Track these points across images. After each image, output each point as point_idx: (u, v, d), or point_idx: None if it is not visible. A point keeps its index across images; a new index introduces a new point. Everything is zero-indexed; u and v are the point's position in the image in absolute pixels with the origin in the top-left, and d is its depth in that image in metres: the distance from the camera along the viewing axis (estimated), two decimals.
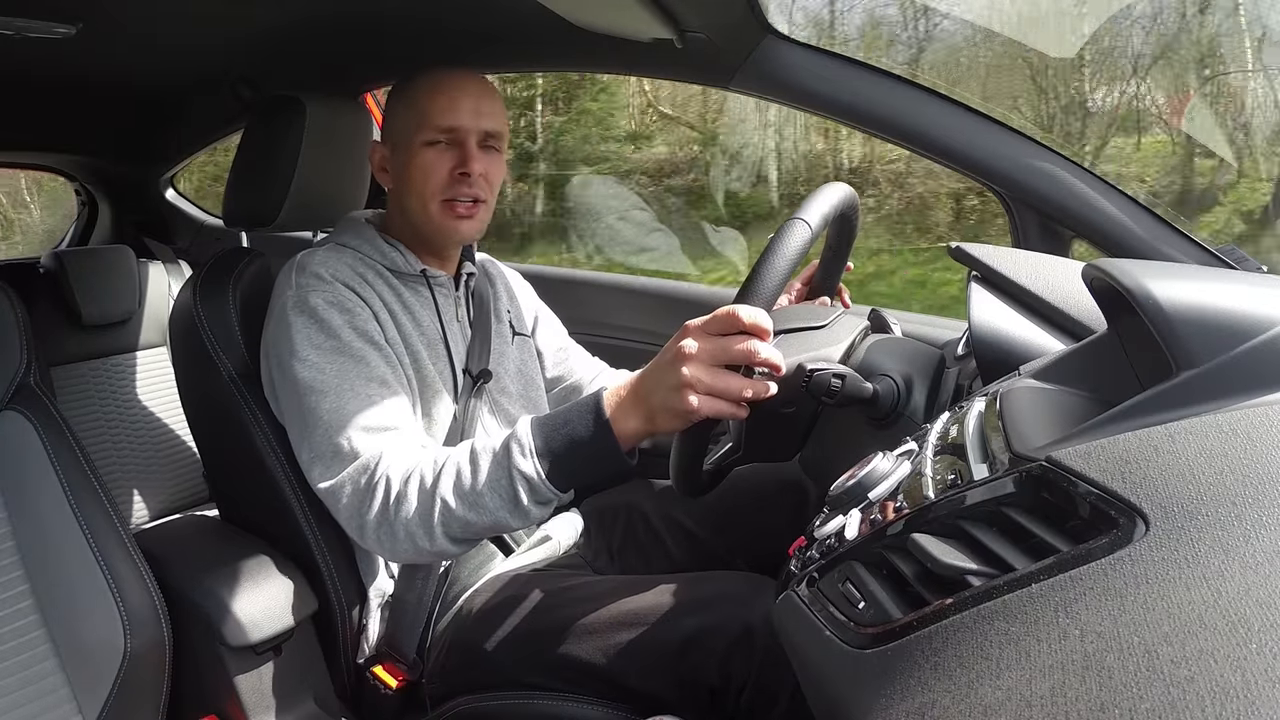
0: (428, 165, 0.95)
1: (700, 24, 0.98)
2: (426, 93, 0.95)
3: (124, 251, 1.67)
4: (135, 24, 1.10)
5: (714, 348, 0.68)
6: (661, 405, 0.71)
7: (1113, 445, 0.39)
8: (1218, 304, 0.43)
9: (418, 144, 0.95)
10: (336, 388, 0.86)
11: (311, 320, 0.89)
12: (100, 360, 1.62)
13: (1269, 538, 0.32)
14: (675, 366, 0.69)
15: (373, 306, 0.93)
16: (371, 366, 0.88)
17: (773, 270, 0.69)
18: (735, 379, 0.69)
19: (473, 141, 0.96)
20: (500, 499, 0.77)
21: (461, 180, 0.95)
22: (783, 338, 0.83)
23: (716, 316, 0.69)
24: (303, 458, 0.88)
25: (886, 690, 0.38)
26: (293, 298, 0.91)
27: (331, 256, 0.95)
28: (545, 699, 0.85)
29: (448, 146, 0.95)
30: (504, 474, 0.76)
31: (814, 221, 0.71)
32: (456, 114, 0.94)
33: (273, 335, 0.92)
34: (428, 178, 0.95)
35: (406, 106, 0.97)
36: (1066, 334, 0.71)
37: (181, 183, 2.10)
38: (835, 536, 0.53)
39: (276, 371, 0.91)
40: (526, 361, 1.12)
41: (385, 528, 0.81)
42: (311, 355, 0.87)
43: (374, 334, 0.91)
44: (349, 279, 0.93)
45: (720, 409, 0.69)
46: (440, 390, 0.96)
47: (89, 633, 0.86)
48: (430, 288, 1.01)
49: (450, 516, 0.78)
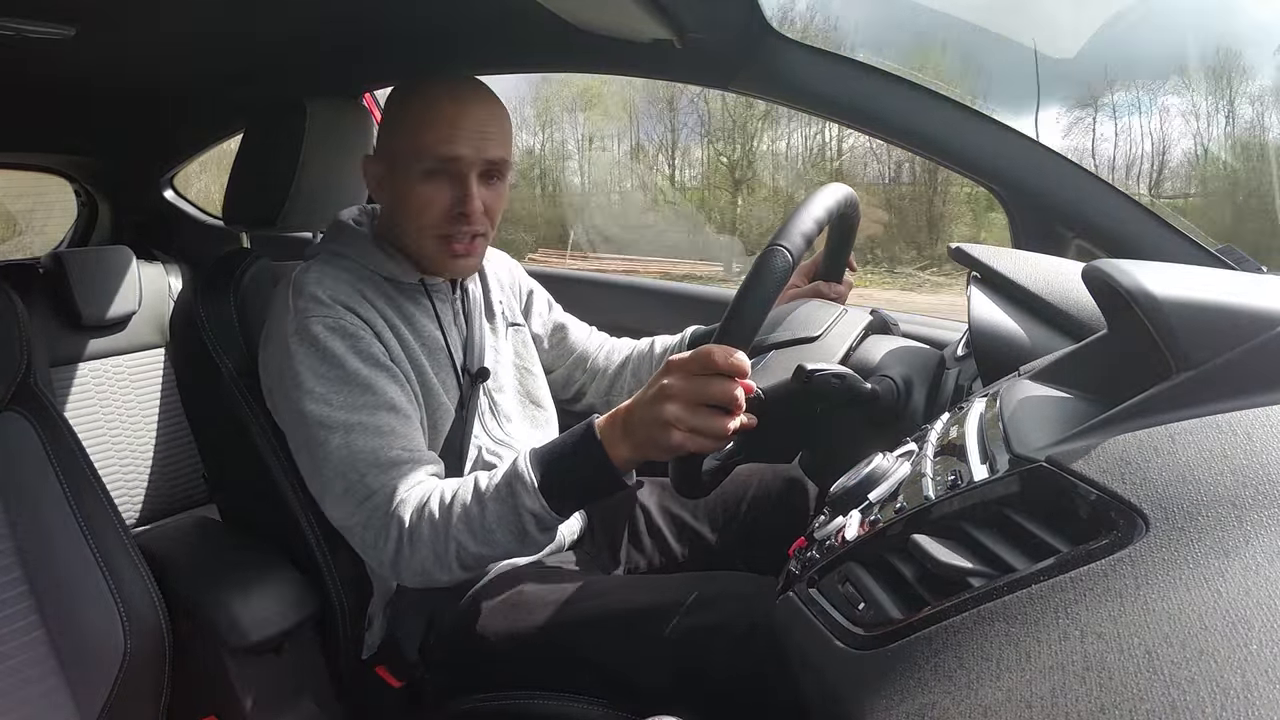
0: (425, 199, 0.89)
1: (700, 24, 0.98)
2: (425, 116, 0.88)
3: (124, 252, 1.67)
4: (134, 25, 1.10)
5: (693, 388, 0.69)
6: (648, 439, 0.72)
7: (1113, 446, 0.39)
8: (1217, 304, 0.43)
9: (415, 172, 0.88)
10: (344, 423, 0.84)
11: (313, 349, 0.86)
12: (100, 360, 1.62)
13: (1269, 539, 0.32)
14: (658, 404, 0.70)
15: (375, 327, 0.90)
16: (379, 394, 0.86)
17: (751, 305, 0.68)
18: (715, 418, 0.69)
19: (474, 175, 0.89)
20: (510, 534, 0.78)
21: (460, 219, 0.90)
22: (774, 354, 0.84)
23: (696, 357, 0.69)
24: (313, 488, 0.88)
25: (887, 691, 0.38)
26: (293, 325, 0.87)
27: (328, 274, 0.91)
28: (546, 699, 0.85)
29: (447, 178, 0.89)
30: (510, 511, 0.78)
31: (794, 246, 0.69)
32: (456, 143, 0.87)
33: (274, 363, 0.90)
34: (423, 212, 0.90)
35: (403, 127, 0.90)
36: (1066, 334, 0.71)
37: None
38: (835, 537, 0.53)
39: (281, 401, 0.90)
40: (521, 353, 1.12)
41: (402, 563, 0.81)
42: (317, 387, 0.85)
43: (379, 356, 0.88)
44: (348, 299, 0.89)
45: (704, 445, 0.71)
46: (441, 393, 0.96)
47: (89, 633, 0.86)
48: (429, 296, 0.98)
49: (465, 552, 0.80)
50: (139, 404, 1.66)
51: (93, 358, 1.61)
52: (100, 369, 1.62)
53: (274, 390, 0.91)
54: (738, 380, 0.69)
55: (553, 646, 0.85)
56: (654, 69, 1.15)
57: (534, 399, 1.10)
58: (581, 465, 0.76)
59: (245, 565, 0.97)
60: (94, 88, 1.44)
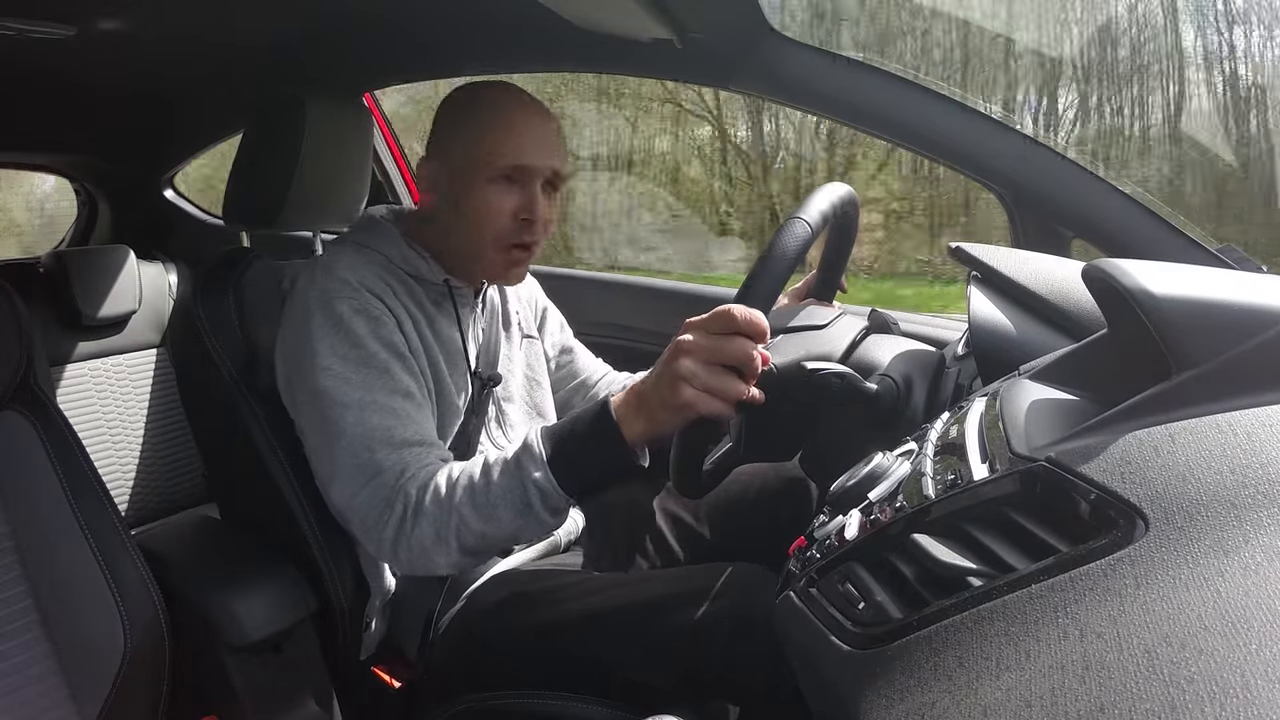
0: (491, 204, 0.90)
1: (700, 24, 0.98)
2: (494, 124, 0.90)
3: (123, 251, 1.67)
4: (134, 24, 1.10)
5: (711, 345, 0.68)
6: (659, 401, 0.71)
7: (1113, 445, 0.39)
8: (1217, 303, 0.43)
9: (481, 179, 0.89)
10: (360, 401, 0.84)
11: (336, 328, 0.86)
12: (100, 360, 1.62)
13: (1269, 538, 0.32)
14: (673, 361, 0.70)
15: (398, 316, 0.91)
16: (396, 379, 0.86)
17: (772, 270, 0.69)
18: (729, 378, 0.68)
19: (539, 184, 0.91)
20: (514, 510, 0.77)
21: (524, 226, 0.91)
22: (783, 337, 0.84)
23: (715, 314, 0.69)
24: (323, 470, 0.87)
25: (886, 690, 0.38)
26: (317, 301, 0.88)
27: (359, 260, 0.92)
28: (546, 698, 0.85)
29: (512, 185, 0.90)
30: (516, 484, 0.77)
31: (814, 220, 0.71)
32: (525, 153, 0.89)
33: (293, 339, 0.90)
34: (490, 219, 0.90)
35: (469, 132, 0.91)
36: (1066, 334, 0.71)
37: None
38: (835, 537, 0.53)
39: (296, 378, 0.90)
40: (533, 364, 1.12)
41: (402, 541, 0.81)
42: (335, 365, 0.85)
43: (399, 344, 0.89)
44: (375, 285, 0.90)
45: (713, 406, 0.69)
46: (452, 394, 0.96)
47: (89, 633, 0.86)
48: (453, 298, 0.98)
49: (466, 530, 0.78)
50: (139, 403, 1.66)
51: (92, 357, 1.61)
52: (100, 368, 1.62)
53: (290, 373, 0.91)
54: (754, 344, 0.68)
55: (551, 646, 0.85)
56: (654, 68, 1.15)
57: (540, 410, 1.10)
58: (592, 439, 0.75)
59: (245, 564, 0.97)
60: (94, 88, 1.44)
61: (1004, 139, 1.00)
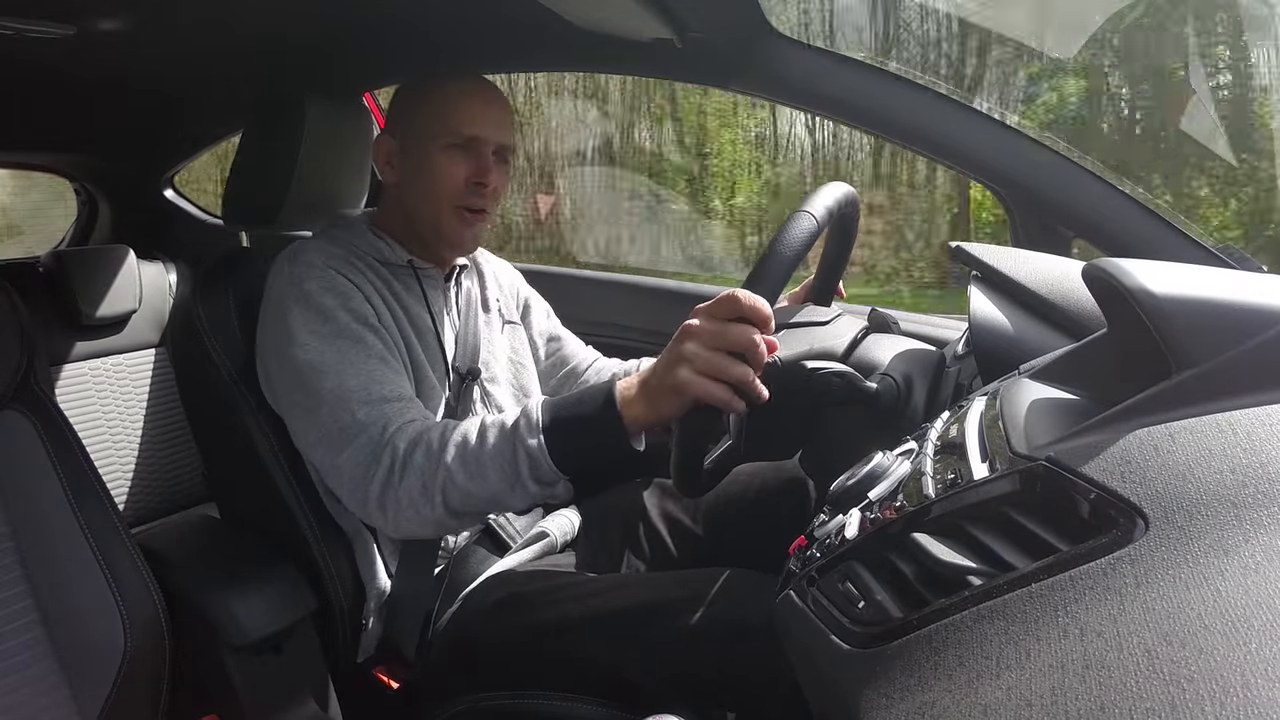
0: (444, 169, 0.96)
1: (700, 24, 0.98)
2: (450, 97, 0.96)
3: (123, 251, 1.67)
4: (134, 24, 1.10)
5: (715, 328, 0.69)
6: (660, 384, 0.72)
7: (1113, 445, 0.39)
8: (1217, 303, 0.43)
9: (436, 147, 0.96)
10: (337, 366, 0.86)
11: (308, 307, 0.89)
12: (100, 360, 1.62)
13: (1269, 538, 0.32)
14: (678, 343, 0.71)
15: (365, 292, 0.94)
16: (369, 347, 0.89)
17: (778, 261, 0.70)
18: (731, 362, 0.68)
19: (489, 152, 0.97)
20: (502, 471, 0.77)
21: (477, 189, 0.97)
22: (786, 332, 0.84)
23: (720, 299, 0.70)
24: (308, 440, 0.88)
25: (886, 689, 0.38)
26: (288, 285, 0.91)
27: (324, 245, 0.96)
28: (545, 699, 0.85)
29: (465, 153, 0.96)
30: (509, 446, 0.77)
31: (819, 214, 0.72)
32: (479, 124, 0.96)
33: (270, 324, 0.93)
34: (443, 182, 0.96)
35: (426, 106, 0.97)
36: (1066, 334, 0.71)
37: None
38: (835, 536, 0.53)
39: (273, 361, 0.92)
40: (518, 349, 1.13)
41: (389, 494, 0.80)
42: (310, 340, 0.88)
43: (369, 315, 0.92)
44: (341, 266, 0.94)
45: (713, 391, 0.68)
46: (433, 382, 0.97)
47: (89, 633, 0.86)
48: (418, 279, 1.02)
49: (452, 484, 0.78)
50: (139, 402, 1.66)
51: (92, 356, 1.61)
52: (100, 368, 1.62)
53: (269, 362, 0.93)
54: (758, 330, 0.68)
55: (549, 646, 0.85)
56: (654, 68, 1.15)
57: (527, 393, 1.12)
58: (590, 416, 0.76)
59: (245, 563, 0.97)
60: (94, 87, 1.44)
61: (1004, 139, 1.01)
